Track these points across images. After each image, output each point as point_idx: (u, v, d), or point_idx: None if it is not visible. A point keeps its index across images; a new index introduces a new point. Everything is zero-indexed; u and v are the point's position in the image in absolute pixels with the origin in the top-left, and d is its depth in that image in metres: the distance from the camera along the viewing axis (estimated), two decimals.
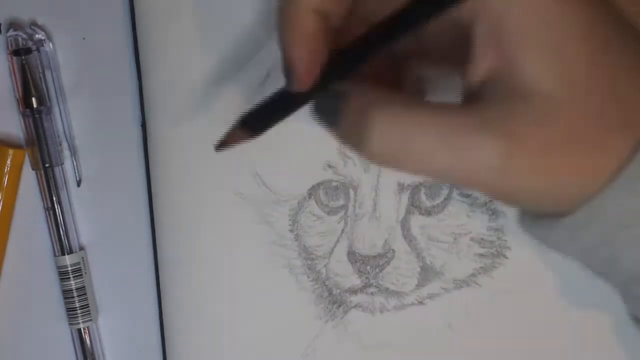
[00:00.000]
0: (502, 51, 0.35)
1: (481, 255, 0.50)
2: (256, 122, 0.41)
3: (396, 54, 0.41)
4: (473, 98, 0.36)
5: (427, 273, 0.50)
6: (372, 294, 0.50)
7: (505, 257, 0.50)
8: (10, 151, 0.52)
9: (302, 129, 0.49)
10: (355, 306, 0.50)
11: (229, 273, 0.50)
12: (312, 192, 0.50)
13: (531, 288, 0.50)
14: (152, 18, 0.49)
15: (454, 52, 0.38)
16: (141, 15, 0.49)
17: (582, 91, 0.35)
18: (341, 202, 0.50)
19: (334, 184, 0.50)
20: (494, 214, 0.49)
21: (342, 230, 0.50)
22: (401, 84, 0.43)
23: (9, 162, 0.52)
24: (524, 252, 0.49)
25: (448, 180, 0.37)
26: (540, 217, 0.39)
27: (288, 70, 0.39)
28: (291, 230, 0.50)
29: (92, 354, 0.52)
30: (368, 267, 0.50)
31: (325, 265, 0.50)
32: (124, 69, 0.52)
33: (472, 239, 0.50)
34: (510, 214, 0.49)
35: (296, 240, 0.50)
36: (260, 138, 0.45)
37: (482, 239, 0.49)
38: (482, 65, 0.36)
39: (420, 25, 0.36)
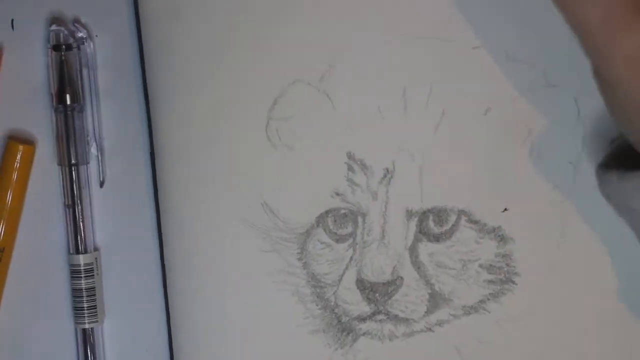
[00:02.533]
0: None
1: (490, 281, 0.49)
2: None
3: None
4: None
5: (436, 300, 0.50)
6: (381, 321, 0.50)
7: (514, 283, 0.49)
8: (20, 147, 0.52)
9: (310, 157, 0.49)
10: (364, 334, 0.50)
11: (237, 301, 0.50)
12: (320, 219, 0.50)
13: (540, 314, 0.49)
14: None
15: None
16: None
17: None
18: (349, 229, 0.50)
19: (342, 211, 0.50)
20: (502, 240, 0.49)
21: (351, 257, 0.50)
22: None
23: (18, 157, 0.52)
24: (532, 278, 0.49)
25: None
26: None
27: None
28: (299, 258, 0.50)
29: (95, 355, 0.52)
30: (377, 295, 0.50)
31: (334, 293, 0.50)
32: None
33: (480, 266, 0.49)
34: (518, 239, 0.49)
35: (304, 268, 0.50)
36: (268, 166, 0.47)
37: (490, 265, 0.49)
38: None
39: None
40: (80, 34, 0.52)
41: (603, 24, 0.38)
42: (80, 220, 0.52)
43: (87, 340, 0.52)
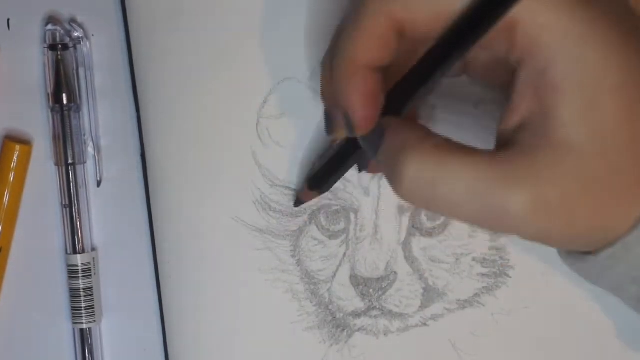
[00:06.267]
0: (540, 99, 0.36)
1: (484, 275, 0.49)
2: (321, 182, 0.46)
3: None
4: (506, 144, 0.37)
5: (430, 294, 0.50)
6: (375, 316, 0.50)
7: (508, 276, 0.49)
8: (17, 147, 0.52)
9: (300, 154, 0.49)
10: (359, 329, 0.50)
11: (231, 299, 0.50)
12: (313, 216, 0.50)
13: (535, 306, 0.49)
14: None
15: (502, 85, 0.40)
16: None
17: (611, 145, 0.35)
18: (342, 225, 0.50)
19: (334, 207, 0.50)
20: (495, 233, 0.49)
21: (344, 253, 0.50)
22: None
23: (15, 157, 0.52)
24: (526, 271, 0.49)
25: (476, 226, 0.38)
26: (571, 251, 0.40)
27: (347, 121, 0.40)
28: (293, 256, 0.50)
29: (93, 355, 0.52)
30: (371, 290, 0.50)
31: (328, 290, 0.50)
32: None
33: (474, 259, 0.49)
34: None
35: (298, 265, 0.50)
36: (260, 168, 0.49)
37: (484, 258, 0.49)
38: (518, 110, 0.37)
39: (455, 59, 0.37)
40: (76, 34, 0.52)
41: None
42: (78, 220, 0.52)
43: (85, 340, 0.52)
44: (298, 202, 0.49)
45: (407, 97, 0.39)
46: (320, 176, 0.46)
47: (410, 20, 0.37)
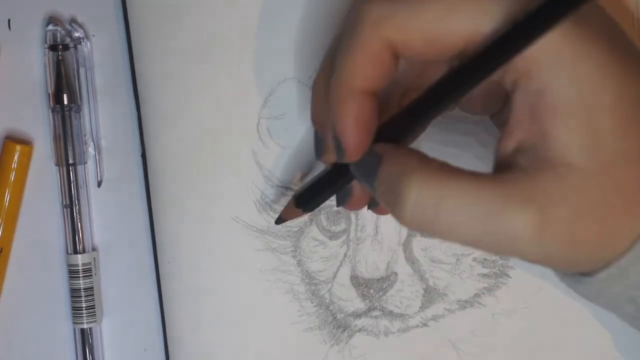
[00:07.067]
0: (536, 122, 0.36)
1: (484, 275, 0.49)
2: (308, 201, 0.45)
3: None
4: (505, 166, 0.37)
5: (430, 295, 0.50)
6: (376, 317, 0.50)
7: (508, 276, 0.49)
8: (18, 147, 0.52)
9: (301, 154, 0.49)
10: (359, 330, 0.50)
11: (232, 299, 0.50)
12: (314, 217, 0.50)
13: (535, 307, 0.49)
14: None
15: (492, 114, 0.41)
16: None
17: (609, 163, 0.35)
18: (342, 226, 0.50)
19: (335, 208, 0.50)
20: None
21: (345, 254, 0.50)
22: None
23: (16, 158, 0.52)
24: (527, 271, 0.49)
25: (479, 249, 0.38)
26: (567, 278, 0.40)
27: (338, 145, 0.39)
28: (293, 256, 0.50)
29: (93, 355, 0.52)
30: (371, 291, 0.50)
31: (328, 290, 0.50)
32: None
33: (474, 260, 0.49)
34: None
35: (299, 265, 0.50)
36: (261, 168, 0.49)
37: (484, 259, 0.49)
38: (516, 133, 0.37)
39: (466, 91, 0.37)
40: (77, 34, 0.52)
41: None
42: (78, 220, 0.52)
43: (85, 340, 0.52)
44: (280, 219, 0.47)
45: (408, 126, 0.39)
46: (309, 195, 0.45)
47: (404, 42, 0.37)
